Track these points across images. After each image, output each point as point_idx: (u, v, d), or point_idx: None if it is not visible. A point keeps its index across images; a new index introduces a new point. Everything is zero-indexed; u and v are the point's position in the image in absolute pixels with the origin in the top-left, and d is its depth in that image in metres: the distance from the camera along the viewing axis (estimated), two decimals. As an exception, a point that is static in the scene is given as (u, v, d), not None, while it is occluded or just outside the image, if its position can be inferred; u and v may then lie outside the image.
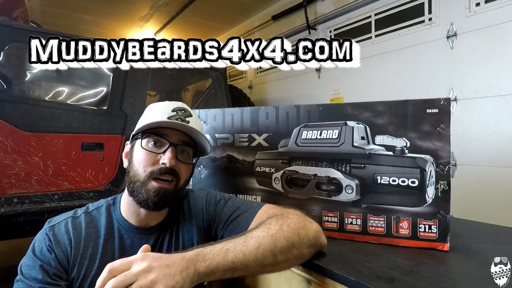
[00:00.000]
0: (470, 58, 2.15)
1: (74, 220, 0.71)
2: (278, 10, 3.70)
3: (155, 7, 3.92)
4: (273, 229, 0.63)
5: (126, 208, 0.73)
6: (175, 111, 0.74)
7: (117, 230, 0.72)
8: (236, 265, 0.56)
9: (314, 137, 0.86)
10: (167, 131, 0.71)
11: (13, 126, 1.81)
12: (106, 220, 0.72)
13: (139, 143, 0.71)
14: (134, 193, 0.69)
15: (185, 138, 0.74)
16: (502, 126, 2.01)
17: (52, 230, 0.69)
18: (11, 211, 1.77)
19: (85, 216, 0.73)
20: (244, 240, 0.60)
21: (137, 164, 0.70)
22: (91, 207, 0.75)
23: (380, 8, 2.75)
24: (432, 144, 0.75)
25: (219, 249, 0.57)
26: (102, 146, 2.11)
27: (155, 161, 0.69)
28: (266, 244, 0.59)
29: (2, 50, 1.83)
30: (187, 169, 0.75)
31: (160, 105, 0.76)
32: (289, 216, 0.67)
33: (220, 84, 2.87)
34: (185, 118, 0.73)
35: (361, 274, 0.61)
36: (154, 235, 0.74)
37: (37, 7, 3.78)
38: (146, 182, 0.68)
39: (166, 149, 0.70)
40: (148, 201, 0.68)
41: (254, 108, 0.95)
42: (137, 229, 0.72)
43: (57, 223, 0.70)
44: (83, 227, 0.70)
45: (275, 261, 0.60)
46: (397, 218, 0.78)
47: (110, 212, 0.74)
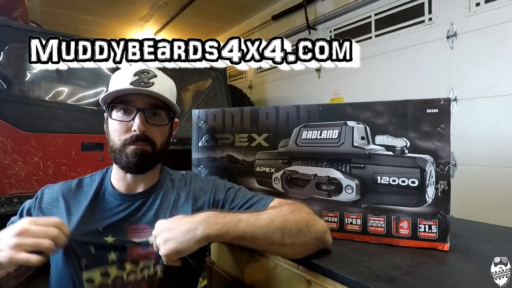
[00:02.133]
0: (470, 58, 2.15)
1: (65, 183, 0.78)
2: (278, 10, 3.70)
3: (155, 7, 3.92)
4: (285, 212, 0.65)
5: (114, 175, 0.77)
6: (138, 74, 0.73)
7: (103, 194, 0.76)
8: (246, 234, 0.59)
9: (314, 137, 0.86)
10: (133, 97, 0.72)
11: (13, 126, 1.81)
12: (96, 185, 0.77)
13: (109, 114, 0.74)
14: (117, 161, 0.73)
15: (153, 101, 0.73)
16: (502, 126, 2.01)
17: (42, 191, 0.76)
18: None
19: (78, 181, 0.78)
20: (257, 214, 0.62)
21: (112, 134, 0.73)
22: (86, 176, 0.81)
23: (380, 8, 2.75)
24: (432, 144, 0.75)
25: (232, 217, 0.60)
26: (102, 146, 2.11)
27: (127, 129, 0.71)
28: (277, 222, 0.61)
29: (2, 50, 1.83)
30: (161, 131, 0.75)
31: (123, 71, 0.76)
32: (301, 207, 0.69)
33: (220, 84, 2.87)
34: (149, 80, 0.72)
35: (361, 274, 0.61)
36: (139, 201, 0.75)
37: (37, 7, 3.78)
38: (123, 148, 0.71)
39: (135, 115, 0.70)
40: (129, 164, 0.71)
41: (254, 108, 0.95)
42: (120, 195, 0.75)
43: (50, 186, 0.78)
44: (72, 189, 0.76)
45: (282, 241, 0.62)
46: (397, 218, 0.78)
47: (102, 179, 0.79)
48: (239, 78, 4.68)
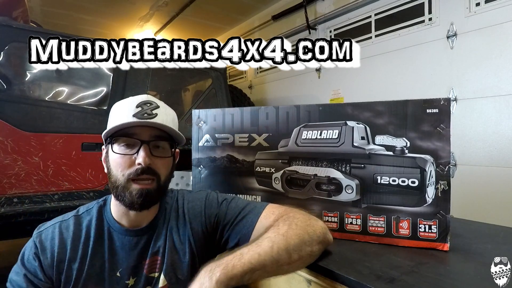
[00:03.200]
0: (470, 58, 2.15)
1: (62, 224, 0.71)
2: (278, 10, 3.69)
3: (155, 7, 3.92)
4: (282, 228, 0.63)
5: (115, 210, 0.72)
6: (140, 106, 0.69)
7: (107, 231, 0.72)
8: (253, 265, 0.56)
9: (314, 137, 0.86)
10: (136, 129, 0.68)
11: (13, 126, 1.81)
12: (96, 221, 0.72)
13: (111, 148, 0.69)
14: (119, 198, 0.68)
15: (156, 132, 0.70)
16: (502, 126, 2.01)
17: (39, 236, 0.69)
18: (11, 211, 1.77)
19: (74, 219, 0.72)
20: (256, 243, 0.60)
21: (114, 169, 0.68)
22: (82, 210, 0.75)
23: (380, 8, 2.75)
24: (432, 144, 0.75)
25: (233, 255, 0.58)
26: (102, 146, 2.11)
27: (131, 163, 0.67)
28: (279, 242, 0.60)
29: (2, 50, 1.83)
30: (166, 163, 0.72)
31: (124, 103, 0.72)
32: (295, 216, 0.68)
33: (220, 84, 2.87)
34: (152, 112, 0.70)
35: (361, 274, 0.61)
36: (145, 237, 0.73)
37: (37, 7, 3.78)
38: (126, 185, 0.67)
39: (139, 148, 0.67)
40: (134, 204, 0.67)
41: (254, 108, 0.95)
42: (127, 231, 0.72)
43: (45, 229, 0.71)
44: (71, 230, 0.70)
45: (290, 259, 0.61)
46: (397, 218, 0.78)
47: (101, 213, 0.74)
48: (239, 78, 4.68)
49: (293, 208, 0.72)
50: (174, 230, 0.75)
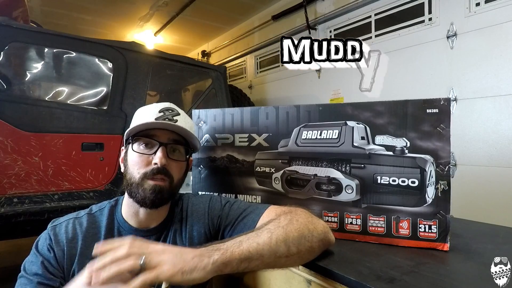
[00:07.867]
0: (470, 58, 2.15)
1: (75, 221, 0.74)
2: (278, 10, 3.70)
3: (155, 7, 3.92)
4: (283, 222, 0.64)
5: (126, 209, 0.75)
6: (162, 111, 0.75)
7: (117, 230, 0.74)
8: (251, 254, 0.57)
9: (314, 137, 0.86)
10: (156, 132, 0.73)
11: (13, 126, 1.81)
12: (107, 220, 0.74)
13: (131, 147, 0.73)
14: (132, 194, 0.71)
15: (174, 137, 0.75)
16: (502, 126, 2.01)
17: (53, 229, 0.72)
18: (11, 211, 1.77)
19: (87, 217, 0.75)
20: (256, 233, 0.62)
21: (131, 167, 0.72)
22: (95, 209, 0.77)
23: (380, 8, 2.75)
24: (432, 144, 0.75)
25: (233, 241, 0.59)
26: (102, 146, 2.11)
27: (147, 162, 0.71)
28: (279, 234, 0.61)
29: (2, 50, 1.83)
30: (180, 167, 0.76)
31: (148, 108, 0.77)
32: (297, 213, 0.69)
33: (220, 84, 2.87)
34: (173, 118, 0.75)
35: (361, 274, 0.61)
36: (153, 237, 0.75)
37: (37, 7, 3.78)
38: (141, 182, 0.70)
39: (157, 149, 0.71)
40: (146, 199, 0.70)
41: (254, 108, 0.95)
42: (136, 231, 0.74)
43: (59, 223, 0.73)
44: (85, 227, 0.73)
45: (288, 252, 0.61)
46: (397, 218, 0.78)
47: (112, 213, 0.76)
48: (239, 78, 4.68)
49: (297, 207, 0.73)
50: (178, 232, 0.77)
